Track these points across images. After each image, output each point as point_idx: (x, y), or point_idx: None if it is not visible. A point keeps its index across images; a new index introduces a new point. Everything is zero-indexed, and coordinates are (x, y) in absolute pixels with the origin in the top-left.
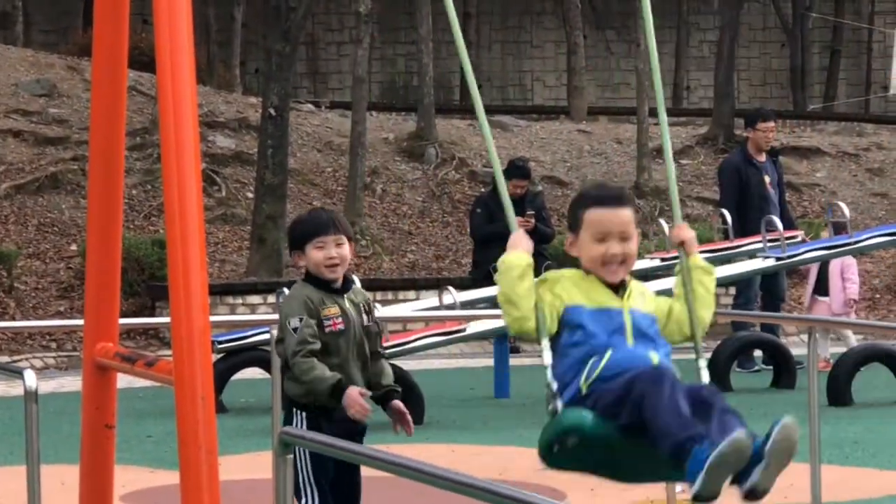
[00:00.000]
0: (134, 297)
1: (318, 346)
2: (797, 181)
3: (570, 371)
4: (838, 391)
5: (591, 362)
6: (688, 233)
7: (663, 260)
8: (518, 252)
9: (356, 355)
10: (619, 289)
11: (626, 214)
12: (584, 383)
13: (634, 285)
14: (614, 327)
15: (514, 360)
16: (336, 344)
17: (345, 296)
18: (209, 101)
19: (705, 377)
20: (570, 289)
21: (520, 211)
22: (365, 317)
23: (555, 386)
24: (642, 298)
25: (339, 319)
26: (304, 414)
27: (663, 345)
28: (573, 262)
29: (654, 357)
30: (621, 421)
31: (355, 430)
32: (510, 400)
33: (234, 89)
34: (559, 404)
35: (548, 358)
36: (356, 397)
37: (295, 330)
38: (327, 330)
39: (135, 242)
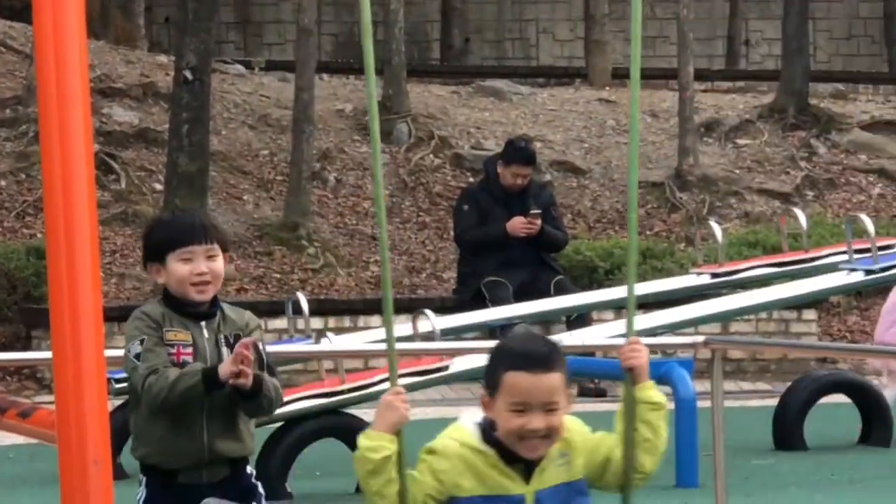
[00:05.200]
0: (3, 323)
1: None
2: (892, 167)
3: None
4: None
5: None
6: (638, 357)
7: (714, 276)
8: (374, 433)
9: (208, 407)
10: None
11: (552, 381)
12: None
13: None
14: None
15: None
16: None
17: (203, 323)
18: (104, 62)
19: None
20: (460, 472)
21: (521, 208)
22: (226, 351)
23: None
24: (562, 462)
25: (188, 349)
26: (144, 480)
27: None
28: (585, 273)
29: None
30: None
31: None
32: None
33: (136, 45)
34: None
35: None
36: (227, 363)
37: (137, 357)
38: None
39: (3, 251)
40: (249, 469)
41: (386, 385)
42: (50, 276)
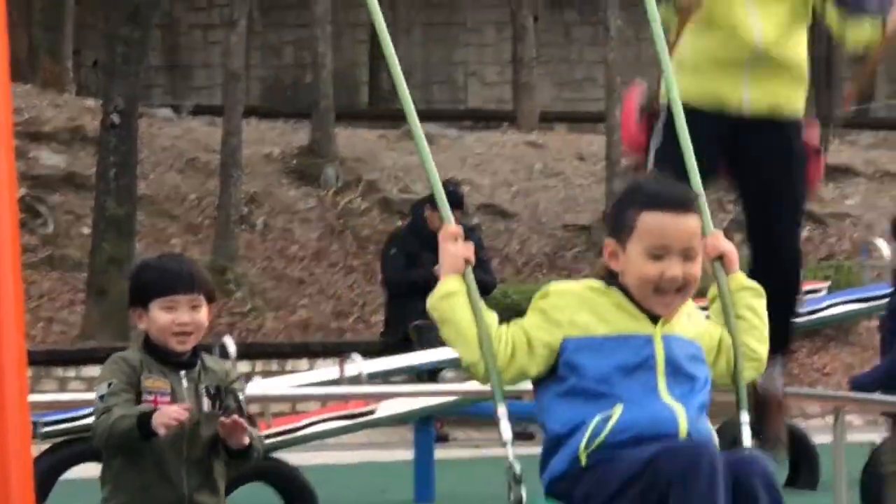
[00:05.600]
0: None
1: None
2: (820, 211)
3: (566, 430)
4: (876, 494)
5: (595, 422)
6: (725, 244)
7: None
8: (441, 283)
9: (186, 455)
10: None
11: (692, 224)
12: (583, 450)
13: None
14: (637, 362)
15: (440, 453)
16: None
17: (183, 372)
18: (31, 105)
19: (747, 438)
20: (577, 308)
21: None
22: (206, 402)
23: (517, 468)
24: (686, 320)
25: (166, 398)
26: None
27: (700, 389)
28: (513, 316)
29: (682, 415)
30: None
31: None
32: None
33: (65, 89)
34: (522, 493)
35: (506, 431)
36: (167, 409)
37: (101, 398)
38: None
39: None
40: None
41: (312, 429)
42: None
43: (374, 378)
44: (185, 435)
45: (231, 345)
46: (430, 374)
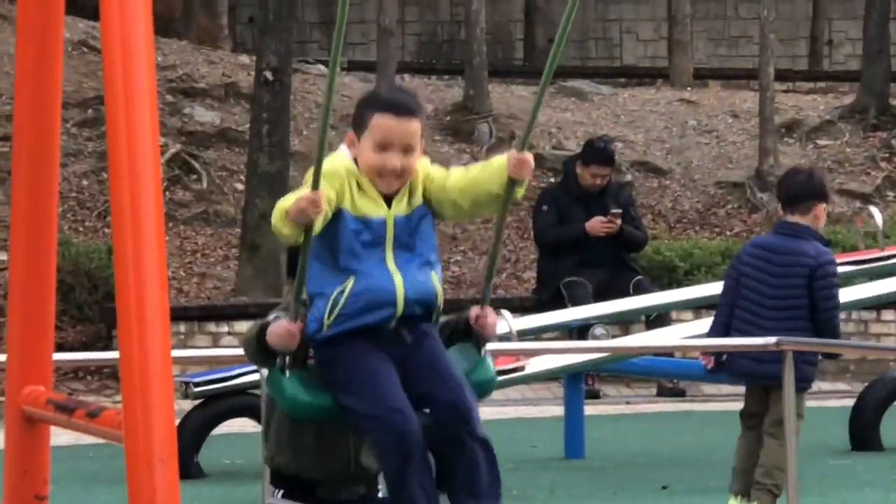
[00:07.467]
0: (84, 322)
1: None
2: None
3: (319, 295)
4: None
5: (334, 294)
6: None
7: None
8: (290, 222)
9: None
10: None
11: (413, 126)
12: (327, 319)
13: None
14: (372, 239)
15: (590, 409)
16: None
17: None
18: (185, 62)
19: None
20: (346, 190)
21: (601, 208)
22: None
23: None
24: (413, 195)
25: None
26: (280, 493)
27: (424, 252)
28: (664, 273)
29: (399, 284)
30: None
31: None
32: (585, 461)
33: (219, 45)
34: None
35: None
36: (280, 325)
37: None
38: None
39: (85, 250)
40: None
41: None
42: (117, 276)
43: (525, 334)
44: None
45: None
46: (580, 330)
